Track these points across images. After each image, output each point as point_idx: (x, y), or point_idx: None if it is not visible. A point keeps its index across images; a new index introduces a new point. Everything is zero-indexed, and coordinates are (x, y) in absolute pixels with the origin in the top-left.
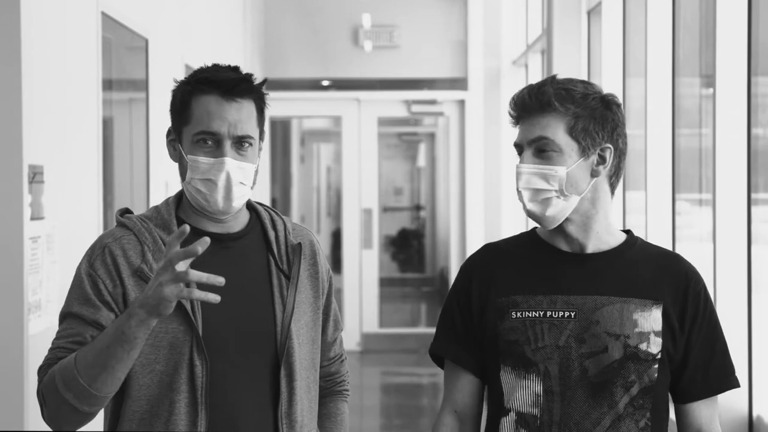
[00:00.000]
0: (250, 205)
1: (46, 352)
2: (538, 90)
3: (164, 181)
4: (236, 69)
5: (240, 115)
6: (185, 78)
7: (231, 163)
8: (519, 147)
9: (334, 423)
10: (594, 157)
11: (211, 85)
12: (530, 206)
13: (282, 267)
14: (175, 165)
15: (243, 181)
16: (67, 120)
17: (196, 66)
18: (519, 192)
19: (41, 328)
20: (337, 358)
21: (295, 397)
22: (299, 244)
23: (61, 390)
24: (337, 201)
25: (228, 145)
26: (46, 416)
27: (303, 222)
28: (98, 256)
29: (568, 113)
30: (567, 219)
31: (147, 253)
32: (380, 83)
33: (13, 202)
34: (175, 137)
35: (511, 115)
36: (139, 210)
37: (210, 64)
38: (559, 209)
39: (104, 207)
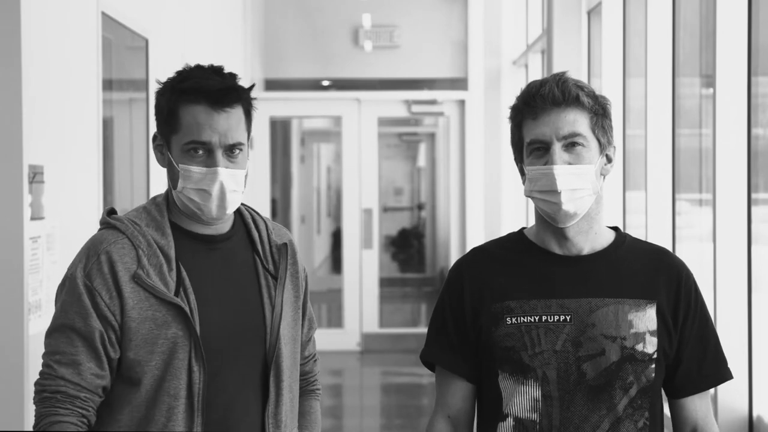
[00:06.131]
0: None
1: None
2: (562, 84)
3: (164, 181)
4: (220, 72)
5: (229, 124)
6: (169, 83)
7: (224, 173)
8: (542, 143)
9: (308, 421)
10: (604, 156)
11: (199, 94)
12: (567, 206)
13: (268, 267)
14: None
15: (235, 188)
16: (67, 120)
17: None
18: (547, 192)
19: (41, 328)
20: (311, 358)
21: (281, 398)
22: (284, 244)
23: None
24: (337, 201)
25: (219, 154)
26: None
27: (303, 222)
28: (94, 264)
29: (591, 110)
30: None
31: (142, 258)
32: (380, 83)
33: (13, 202)
34: (162, 143)
35: (527, 109)
36: None
37: (192, 66)
38: (588, 207)
39: (104, 207)
